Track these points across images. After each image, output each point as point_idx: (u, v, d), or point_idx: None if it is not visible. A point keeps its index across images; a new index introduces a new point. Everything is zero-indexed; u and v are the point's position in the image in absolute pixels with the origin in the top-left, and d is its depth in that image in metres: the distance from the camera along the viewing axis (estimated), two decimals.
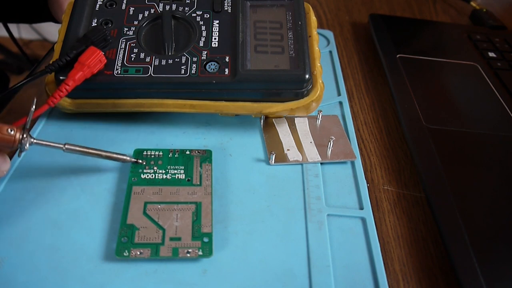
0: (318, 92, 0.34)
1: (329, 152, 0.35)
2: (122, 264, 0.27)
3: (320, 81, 0.34)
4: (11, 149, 0.28)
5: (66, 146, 0.29)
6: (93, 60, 0.32)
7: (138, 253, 0.27)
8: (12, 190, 0.30)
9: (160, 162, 0.32)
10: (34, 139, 0.29)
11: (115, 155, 0.31)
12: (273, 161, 0.34)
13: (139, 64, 0.33)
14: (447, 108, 0.41)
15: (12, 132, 0.28)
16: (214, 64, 0.34)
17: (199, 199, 0.30)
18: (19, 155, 0.29)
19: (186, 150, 0.33)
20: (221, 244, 0.28)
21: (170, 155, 0.33)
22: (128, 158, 0.31)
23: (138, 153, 0.33)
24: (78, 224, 0.29)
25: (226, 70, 0.33)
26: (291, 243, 0.29)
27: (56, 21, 0.52)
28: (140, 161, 0.32)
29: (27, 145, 0.28)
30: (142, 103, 0.34)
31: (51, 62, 0.33)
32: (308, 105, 0.34)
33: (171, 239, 0.27)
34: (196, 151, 0.33)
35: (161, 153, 0.33)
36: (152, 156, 0.33)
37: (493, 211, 0.32)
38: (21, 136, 0.28)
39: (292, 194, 0.32)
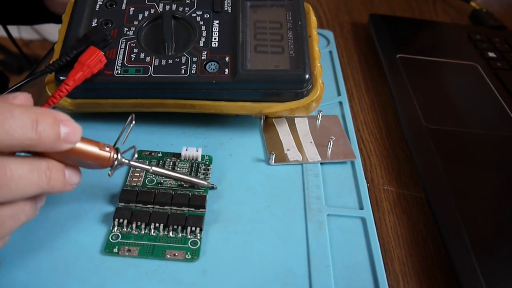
0: (318, 92, 0.34)
1: (329, 152, 0.35)
2: (122, 264, 0.27)
3: (320, 81, 0.34)
4: (101, 168, 0.25)
5: (152, 169, 0.29)
6: (93, 60, 0.32)
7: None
8: None
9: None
10: (128, 160, 0.27)
11: (195, 180, 0.31)
12: (273, 161, 0.34)
13: (139, 64, 0.33)
14: (447, 108, 0.41)
15: (108, 150, 0.25)
16: (214, 64, 0.33)
17: None
18: (110, 175, 0.26)
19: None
20: (221, 244, 0.28)
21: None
22: (209, 184, 0.31)
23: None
24: (78, 224, 0.29)
25: (226, 70, 0.33)
26: (291, 243, 0.29)
27: (57, 21, 0.52)
28: (215, 186, 0.31)
29: (120, 166, 0.26)
30: (142, 103, 0.34)
31: (51, 62, 0.33)
32: (308, 105, 0.34)
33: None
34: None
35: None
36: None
37: (493, 211, 0.32)
38: (115, 156, 0.25)
39: (292, 194, 0.32)
